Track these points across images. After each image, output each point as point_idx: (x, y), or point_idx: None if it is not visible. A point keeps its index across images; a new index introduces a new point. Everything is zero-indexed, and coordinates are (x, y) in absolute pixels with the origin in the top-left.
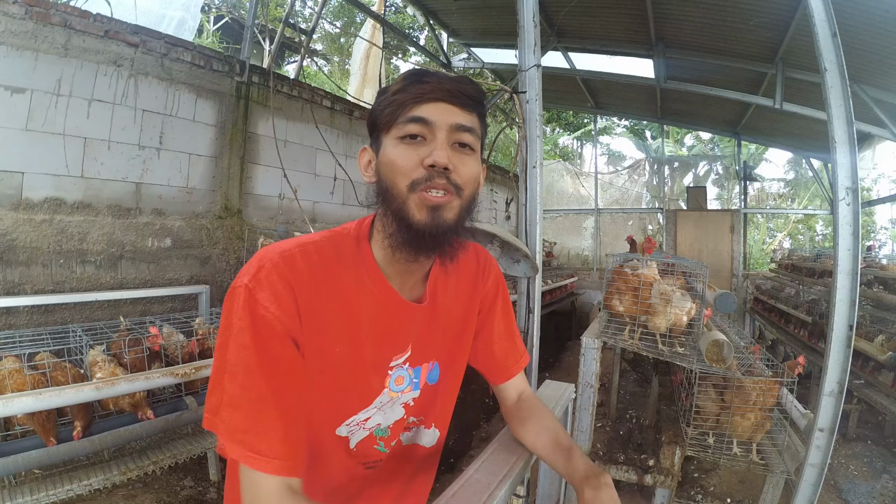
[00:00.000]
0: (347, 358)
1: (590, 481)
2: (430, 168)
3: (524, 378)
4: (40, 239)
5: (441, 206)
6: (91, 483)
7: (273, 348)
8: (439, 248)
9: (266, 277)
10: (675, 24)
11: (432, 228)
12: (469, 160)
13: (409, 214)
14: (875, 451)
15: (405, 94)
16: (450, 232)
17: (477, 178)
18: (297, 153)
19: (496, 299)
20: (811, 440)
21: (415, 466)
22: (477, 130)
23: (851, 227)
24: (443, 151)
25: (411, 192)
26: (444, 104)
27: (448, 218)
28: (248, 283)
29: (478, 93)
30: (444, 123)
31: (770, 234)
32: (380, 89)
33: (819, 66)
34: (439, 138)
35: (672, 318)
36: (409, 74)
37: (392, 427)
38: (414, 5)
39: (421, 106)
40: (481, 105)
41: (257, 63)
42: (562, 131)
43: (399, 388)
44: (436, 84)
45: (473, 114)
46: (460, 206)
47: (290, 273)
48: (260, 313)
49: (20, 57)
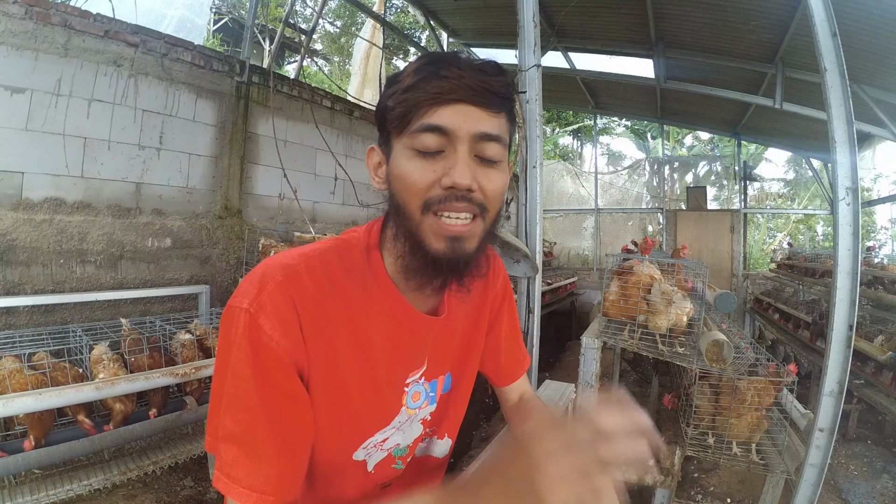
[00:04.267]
0: (360, 379)
1: None
2: (448, 189)
3: (526, 379)
4: (40, 239)
5: (462, 237)
6: (91, 483)
7: (276, 380)
8: (457, 277)
9: (269, 300)
10: (675, 24)
11: (450, 259)
12: (494, 174)
13: (423, 241)
14: (875, 451)
15: (419, 92)
16: (469, 261)
17: (504, 190)
18: (297, 153)
19: (504, 301)
20: (811, 440)
21: (426, 477)
22: (504, 138)
23: (851, 227)
24: (465, 169)
25: (425, 214)
26: (467, 106)
27: (468, 248)
28: (250, 308)
29: (507, 87)
30: (466, 133)
31: (770, 234)
32: (390, 77)
33: (819, 66)
34: (460, 152)
35: (673, 318)
36: (425, 64)
37: (411, 445)
38: (414, 5)
39: (438, 109)
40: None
41: (257, 63)
42: (561, 131)
43: (416, 405)
44: (456, 80)
45: (501, 114)
46: (483, 229)
47: (295, 294)
48: (263, 342)
49: (20, 57)
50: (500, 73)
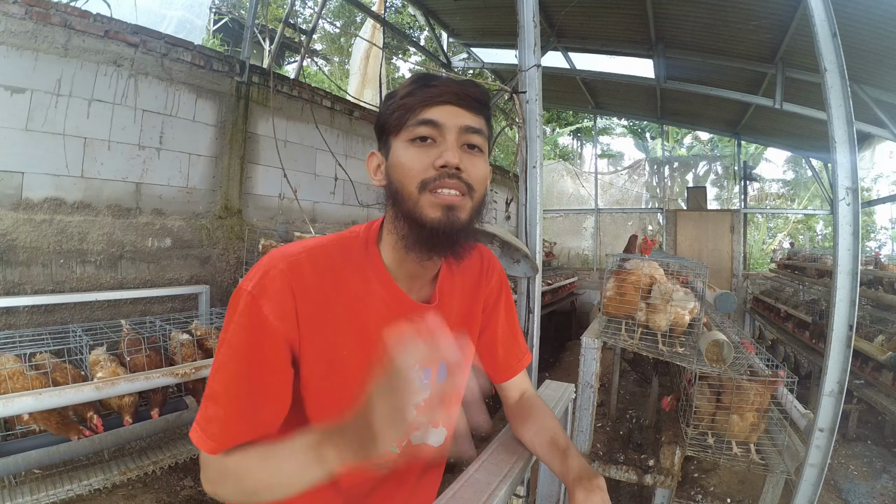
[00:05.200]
0: (357, 363)
1: (582, 483)
2: (441, 168)
3: (527, 377)
4: (40, 239)
5: (455, 206)
6: (91, 483)
7: (265, 353)
8: (452, 247)
9: (270, 284)
10: (675, 24)
11: (446, 227)
12: (478, 161)
13: (422, 214)
14: (875, 451)
15: (414, 97)
16: (462, 232)
17: (486, 178)
18: (297, 153)
19: (500, 298)
20: (811, 440)
21: (424, 465)
22: (485, 132)
23: (851, 227)
24: (454, 152)
25: (422, 192)
26: (453, 107)
27: (462, 218)
28: (252, 289)
29: (484, 95)
30: (454, 125)
31: (770, 234)
32: (387, 93)
33: (819, 66)
34: (449, 140)
35: (673, 316)
36: (417, 79)
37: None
38: (414, 5)
39: (430, 109)
40: (487, 108)
41: (257, 63)
42: (561, 131)
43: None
44: (444, 87)
45: (481, 116)
46: (472, 206)
47: (294, 281)
48: (259, 320)
49: (20, 57)
50: (479, 86)
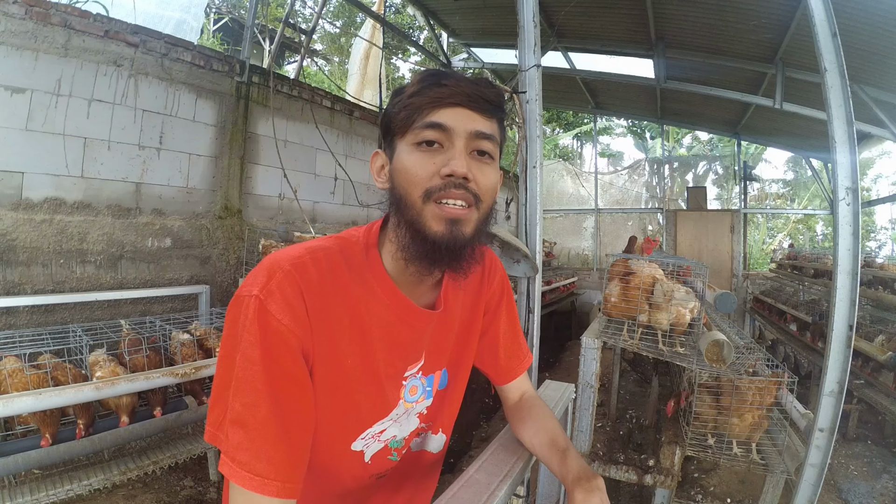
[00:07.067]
0: (360, 370)
1: (581, 484)
2: (447, 177)
3: (527, 378)
4: (40, 239)
5: (460, 220)
6: (91, 483)
7: (283, 363)
8: (455, 262)
9: (278, 287)
10: (675, 24)
11: (450, 242)
12: (488, 169)
13: (425, 226)
14: (875, 451)
15: (422, 97)
16: (467, 246)
17: (495, 187)
18: (297, 153)
19: (501, 300)
20: (811, 440)
21: (421, 472)
22: (496, 137)
23: (851, 227)
24: (461, 160)
25: (427, 203)
26: (463, 109)
27: (466, 232)
28: (259, 294)
29: (498, 97)
30: (463, 130)
31: (770, 234)
32: (394, 90)
33: (819, 66)
34: (457, 146)
35: (674, 314)
36: (427, 76)
37: (407, 438)
38: (414, 5)
39: (438, 111)
40: (502, 110)
41: (257, 63)
42: (562, 132)
43: (413, 399)
44: (454, 87)
45: (493, 119)
46: (478, 218)
47: (302, 282)
48: (272, 325)
49: (20, 57)
50: (493, 86)
